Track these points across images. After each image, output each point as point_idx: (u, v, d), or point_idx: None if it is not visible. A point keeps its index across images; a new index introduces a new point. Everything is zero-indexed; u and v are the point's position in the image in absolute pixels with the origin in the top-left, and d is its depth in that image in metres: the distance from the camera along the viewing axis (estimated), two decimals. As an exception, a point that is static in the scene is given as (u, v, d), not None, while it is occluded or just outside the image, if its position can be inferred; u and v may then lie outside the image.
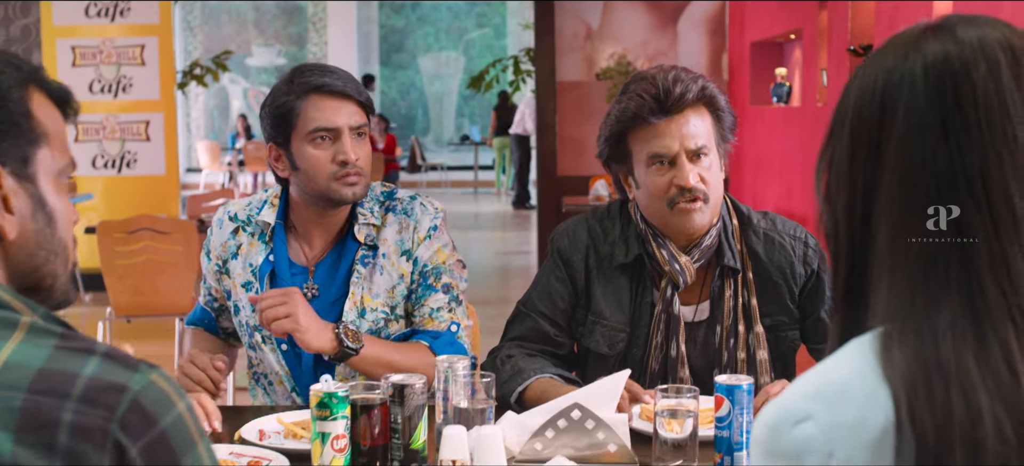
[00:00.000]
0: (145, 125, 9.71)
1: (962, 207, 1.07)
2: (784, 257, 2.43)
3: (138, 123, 9.76)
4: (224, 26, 21.86)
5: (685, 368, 2.38)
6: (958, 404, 1.03)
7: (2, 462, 1.00)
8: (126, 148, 9.65)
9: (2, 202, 1.16)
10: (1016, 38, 1.12)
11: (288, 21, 22.09)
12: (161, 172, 9.58)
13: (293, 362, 2.48)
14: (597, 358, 2.42)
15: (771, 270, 2.42)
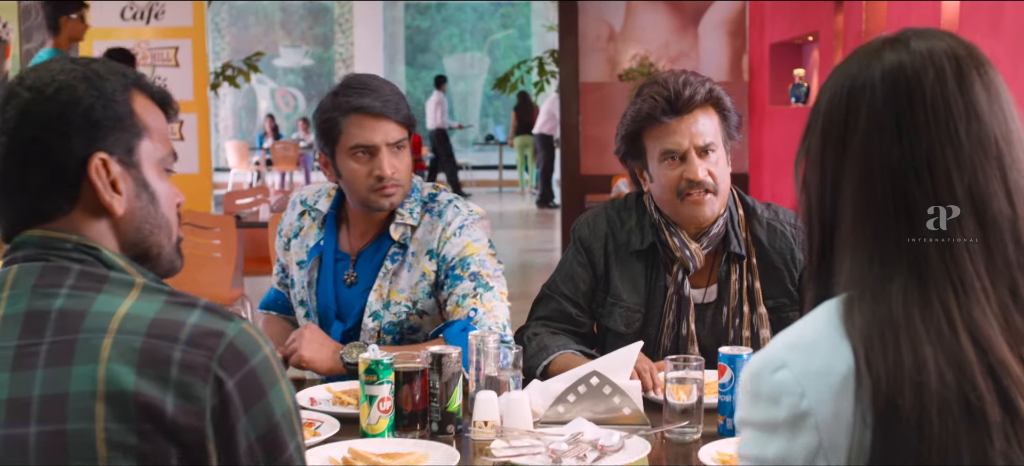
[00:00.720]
0: (179, 125, 9.90)
1: (912, 192, 1.29)
2: (785, 244, 2.64)
3: (173, 123, 10.00)
4: (251, 27, 21.99)
5: (694, 345, 2.60)
6: (907, 355, 1.24)
7: (127, 391, 1.24)
8: (162, 147, 9.86)
9: (111, 185, 1.40)
10: (960, 48, 1.34)
11: (314, 22, 22.19)
12: (194, 170, 9.75)
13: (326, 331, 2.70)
14: (615, 336, 2.64)
15: (773, 256, 2.64)
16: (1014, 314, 1.26)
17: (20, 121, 1.37)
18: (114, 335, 1.27)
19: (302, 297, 2.73)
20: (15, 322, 1.30)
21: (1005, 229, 1.28)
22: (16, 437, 1.24)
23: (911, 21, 5.79)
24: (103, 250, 1.38)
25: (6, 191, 1.39)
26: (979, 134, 1.29)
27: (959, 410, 1.21)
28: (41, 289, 1.32)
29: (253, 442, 1.28)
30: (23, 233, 1.38)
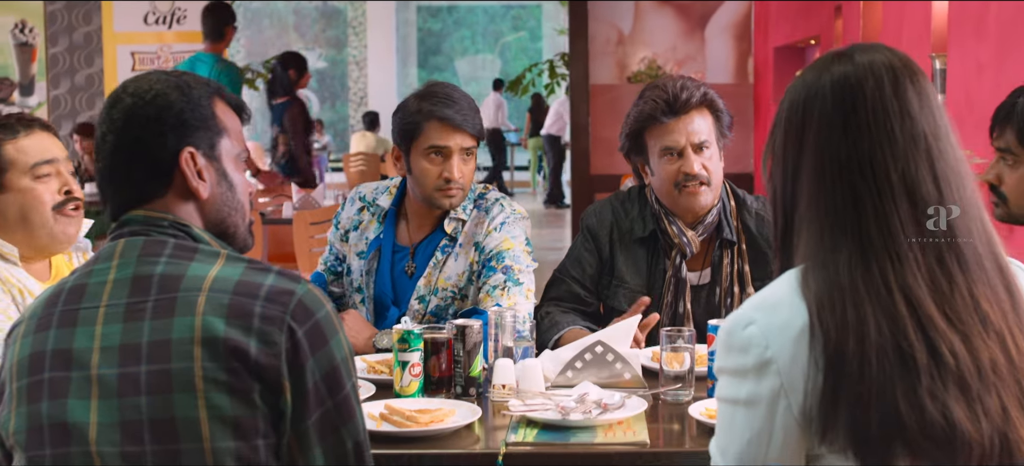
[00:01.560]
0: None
1: (856, 180, 1.57)
2: (771, 232, 2.93)
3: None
4: (265, 30, 21.99)
5: (690, 323, 2.89)
6: (851, 313, 1.52)
7: (219, 337, 1.54)
8: (184, 148, 10.07)
9: (198, 174, 1.70)
10: (897, 60, 1.63)
11: (327, 24, 22.28)
12: (216, 170, 9.99)
13: (378, 317, 3.00)
14: (619, 315, 2.93)
15: (761, 242, 2.93)
16: (940, 278, 1.54)
17: (125, 122, 1.67)
18: (206, 293, 1.57)
19: (359, 284, 3.02)
20: (124, 284, 1.60)
21: (928, 207, 1.56)
22: (130, 374, 1.54)
23: (904, 25, 6.07)
24: (192, 228, 1.68)
25: (113, 179, 1.69)
26: (911, 131, 1.57)
27: (894, 356, 1.50)
28: (145, 257, 1.62)
29: (318, 380, 1.58)
30: (128, 213, 1.69)
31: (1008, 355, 1.54)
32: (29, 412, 1.59)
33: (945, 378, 1.49)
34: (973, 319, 1.53)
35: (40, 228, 2.42)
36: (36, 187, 2.40)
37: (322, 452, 1.60)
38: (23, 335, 1.65)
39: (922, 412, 1.48)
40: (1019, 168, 2.41)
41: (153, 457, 1.52)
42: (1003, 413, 1.51)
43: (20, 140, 2.41)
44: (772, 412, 1.53)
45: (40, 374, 1.59)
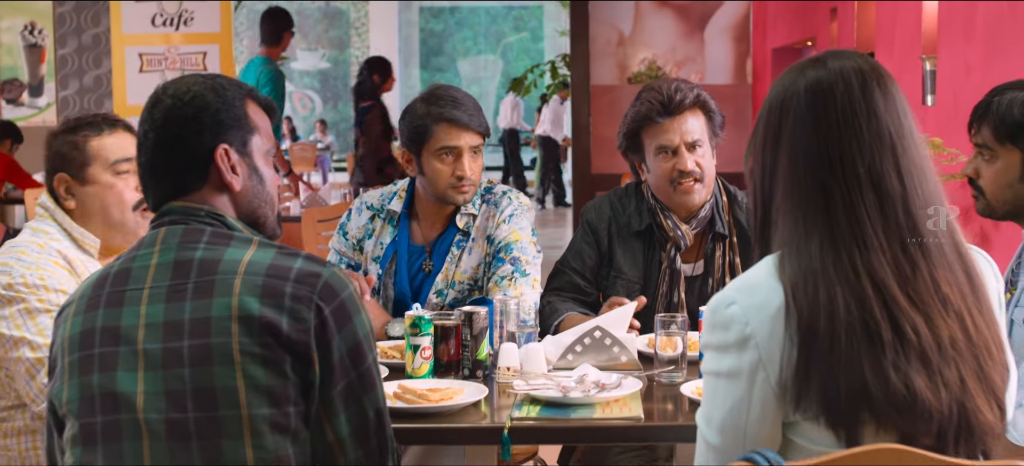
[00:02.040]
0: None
1: (826, 175, 1.74)
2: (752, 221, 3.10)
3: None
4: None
5: (684, 312, 3.06)
6: (822, 294, 1.69)
7: (254, 315, 1.70)
8: (191, 148, 10.16)
9: (231, 169, 1.87)
10: (865, 65, 1.79)
11: (329, 25, 22.34)
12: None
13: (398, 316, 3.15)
14: (616, 303, 3.10)
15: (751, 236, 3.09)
16: (904, 263, 1.71)
17: (165, 121, 1.84)
18: (242, 276, 1.74)
19: (377, 287, 3.18)
20: (166, 268, 1.77)
21: (897, 201, 1.73)
22: (174, 348, 1.71)
23: (896, 27, 6.23)
24: (227, 217, 1.85)
25: (154, 173, 1.86)
26: (877, 129, 1.74)
27: (861, 333, 1.66)
28: (185, 244, 1.79)
29: (343, 354, 1.75)
30: (167, 204, 1.86)
31: (967, 333, 1.70)
32: (81, 384, 1.76)
33: (908, 352, 1.66)
34: (934, 300, 1.69)
35: (118, 224, 2.58)
36: (116, 183, 2.56)
37: (347, 419, 1.77)
38: (73, 314, 1.82)
39: (886, 382, 1.64)
40: (995, 163, 2.57)
41: (195, 423, 1.69)
42: (961, 384, 1.68)
43: (104, 137, 2.57)
44: (751, 383, 1.70)
45: (90, 349, 1.76)
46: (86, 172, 2.56)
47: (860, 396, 1.65)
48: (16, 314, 2.42)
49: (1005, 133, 2.54)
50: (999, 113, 2.55)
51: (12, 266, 2.47)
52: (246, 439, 1.69)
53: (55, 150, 2.57)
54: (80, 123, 2.58)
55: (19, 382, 2.43)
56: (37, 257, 2.50)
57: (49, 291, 2.45)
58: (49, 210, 2.60)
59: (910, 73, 5.96)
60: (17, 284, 2.44)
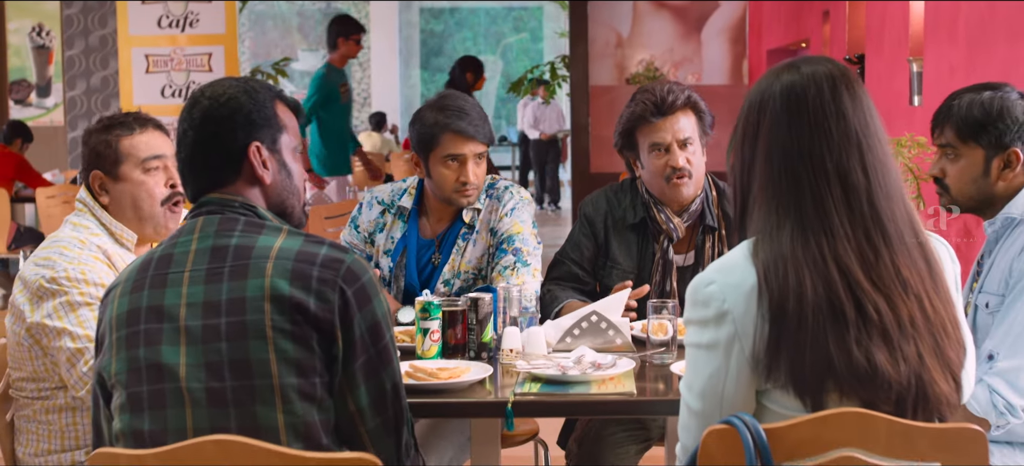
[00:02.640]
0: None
1: (798, 169, 1.93)
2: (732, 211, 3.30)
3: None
4: (269, 31, 22.22)
5: (676, 300, 3.25)
6: (791, 276, 1.88)
7: (285, 295, 1.90)
8: (196, 146, 10.28)
9: (262, 164, 2.06)
10: (836, 70, 1.98)
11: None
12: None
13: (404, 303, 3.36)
14: (612, 292, 3.30)
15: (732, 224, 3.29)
16: (867, 250, 1.90)
17: (202, 120, 2.04)
18: (273, 260, 1.93)
19: (388, 279, 3.38)
20: (205, 253, 1.97)
21: (861, 193, 1.92)
22: (212, 325, 1.91)
23: (885, 30, 6.42)
24: (258, 208, 2.05)
25: (193, 167, 2.06)
26: (845, 129, 1.93)
27: (827, 312, 1.86)
28: (221, 231, 1.99)
29: (364, 331, 1.95)
30: (205, 195, 2.05)
31: (925, 313, 1.90)
32: (128, 357, 1.96)
33: (870, 330, 1.86)
34: (895, 283, 1.89)
35: (148, 217, 2.78)
36: (146, 179, 2.76)
37: (366, 390, 1.97)
38: (119, 295, 2.02)
39: (849, 356, 1.84)
40: (959, 161, 2.76)
41: (232, 391, 1.89)
42: (919, 359, 1.87)
43: (135, 136, 2.76)
44: (728, 354, 1.90)
45: (137, 326, 1.96)
46: (119, 169, 2.75)
47: (825, 368, 1.84)
48: (59, 307, 2.61)
49: (968, 133, 2.73)
50: (960, 115, 2.74)
51: (55, 261, 2.66)
52: (277, 405, 1.89)
53: (90, 148, 2.76)
54: (113, 122, 2.77)
55: (61, 368, 2.62)
56: (78, 252, 2.69)
57: (89, 285, 2.64)
58: (88, 206, 2.80)
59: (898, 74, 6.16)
60: (60, 278, 2.63)
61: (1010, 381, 2.52)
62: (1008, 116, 2.71)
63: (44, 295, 2.63)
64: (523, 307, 2.88)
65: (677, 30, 10.81)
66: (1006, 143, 2.71)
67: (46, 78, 11.94)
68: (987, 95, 2.75)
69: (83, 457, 2.69)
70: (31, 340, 2.65)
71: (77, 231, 2.76)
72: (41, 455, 2.70)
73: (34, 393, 2.70)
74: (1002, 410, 2.51)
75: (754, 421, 1.80)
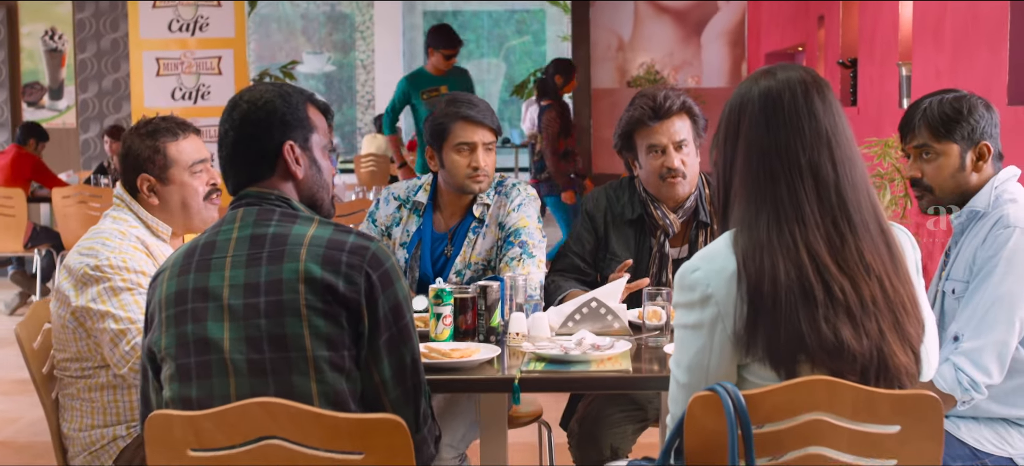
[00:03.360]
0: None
1: (774, 164, 2.15)
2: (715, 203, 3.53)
3: (215, 127, 10.37)
4: (273, 34, 22.41)
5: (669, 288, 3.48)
6: (767, 261, 2.11)
7: (317, 278, 2.13)
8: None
9: (295, 161, 2.30)
10: (808, 76, 2.21)
11: (334, 28, 22.65)
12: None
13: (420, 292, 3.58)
14: (611, 282, 3.53)
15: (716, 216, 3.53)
16: (834, 236, 2.13)
17: (242, 122, 2.27)
18: (307, 247, 2.17)
19: (404, 269, 3.60)
20: (245, 241, 2.20)
21: (830, 185, 2.15)
22: (252, 304, 2.14)
23: (876, 36, 6.65)
24: (292, 201, 2.28)
25: (233, 164, 2.29)
26: (816, 128, 2.16)
27: (798, 293, 2.08)
28: (259, 221, 2.22)
29: (387, 311, 2.18)
30: (244, 189, 2.29)
31: (885, 293, 2.13)
32: (177, 332, 2.19)
33: (836, 309, 2.08)
34: (858, 266, 2.11)
35: (195, 212, 3.03)
36: (193, 181, 3.01)
37: (389, 363, 2.20)
38: (167, 279, 2.25)
39: (819, 332, 2.06)
40: (936, 159, 2.99)
41: (271, 362, 2.12)
42: (880, 334, 2.10)
43: (180, 142, 3.01)
44: (712, 333, 2.13)
45: (184, 305, 2.20)
46: (168, 173, 3.00)
47: (797, 343, 2.07)
48: (102, 292, 2.85)
49: (942, 131, 2.96)
50: (932, 116, 2.98)
51: (98, 250, 2.90)
52: (311, 375, 2.12)
53: (136, 153, 3.00)
54: (157, 128, 3.01)
55: (104, 349, 2.86)
56: (119, 242, 2.93)
57: (130, 272, 2.88)
58: (125, 201, 3.04)
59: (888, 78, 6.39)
60: (103, 265, 2.87)
61: (973, 360, 2.75)
62: (976, 112, 2.95)
63: (88, 281, 2.86)
64: (528, 295, 3.12)
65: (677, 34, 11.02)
66: (977, 137, 2.95)
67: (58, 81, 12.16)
68: (952, 96, 2.98)
69: (124, 431, 2.93)
70: (75, 323, 2.89)
71: (117, 223, 3.00)
72: (85, 430, 2.94)
73: (77, 372, 2.94)
74: (966, 386, 2.75)
75: (735, 388, 2.03)
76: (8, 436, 5.61)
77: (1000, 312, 2.78)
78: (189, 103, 10.26)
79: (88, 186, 9.45)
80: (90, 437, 2.94)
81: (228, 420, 2.00)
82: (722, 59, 11.11)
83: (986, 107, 2.99)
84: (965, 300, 2.85)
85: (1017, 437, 2.86)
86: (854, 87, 7.31)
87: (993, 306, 2.79)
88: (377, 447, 2.00)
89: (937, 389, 2.74)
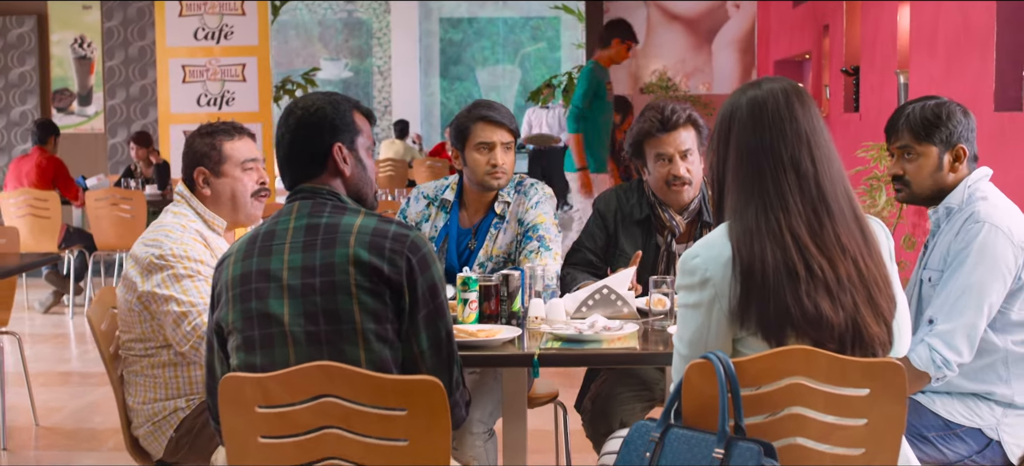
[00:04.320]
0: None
1: (761, 162, 2.47)
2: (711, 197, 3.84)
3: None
4: (291, 41, 22.56)
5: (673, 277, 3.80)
6: (756, 245, 2.43)
7: (365, 261, 2.46)
8: (231, 154, 10.55)
9: (344, 160, 2.63)
10: (790, 87, 2.53)
11: (350, 35, 22.81)
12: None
13: None
14: (621, 274, 3.86)
15: None
16: (814, 222, 2.44)
17: (297, 126, 2.61)
18: (355, 234, 2.50)
19: None
20: (301, 229, 2.54)
21: (810, 179, 2.46)
22: (309, 283, 2.48)
23: (876, 45, 6.95)
24: (340, 195, 2.62)
25: (290, 163, 2.63)
26: (796, 129, 2.48)
27: (784, 272, 2.40)
28: (313, 213, 2.55)
29: (425, 290, 2.51)
30: (299, 185, 2.62)
31: (859, 270, 2.44)
32: (243, 309, 2.52)
33: (816, 284, 2.40)
34: (835, 247, 2.42)
35: (243, 208, 3.38)
36: (243, 177, 3.36)
37: (427, 336, 2.53)
38: (232, 263, 2.58)
39: (802, 307, 2.38)
40: (916, 159, 3.31)
41: (325, 334, 2.45)
42: (855, 307, 2.41)
43: (235, 142, 3.37)
44: (710, 311, 2.45)
45: (249, 285, 2.53)
46: (222, 167, 3.34)
47: (784, 316, 2.39)
48: (166, 278, 3.19)
49: (923, 134, 3.28)
50: (914, 120, 3.29)
51: (162, 241, 3.24)
52: (360, 345, 2.45)
53: (195, 149, 3.35)
54: (216, 129, 3.36)
55: (167, 329, 3.20)
56: (181, 234, 3.27)
57: (190, 260, 3.22)
58: (185, 197, 3.38)
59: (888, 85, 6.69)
60: (167, 255, 3.21)
61: (946, 341, 3.07)
62: (953, 118, 3.27)
63: (153, 269, 3.20)
64: (545, 284, 3.44)
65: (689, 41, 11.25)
66: (954, 141, 3.26)
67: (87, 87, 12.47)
68: (933, 103, 3.30)
69: (183, 403, 3.27)
70: (141, 306, 3.23)
71: (177, 218, 3.34)
72: (148, 403, 3.28)
73: (141, 352, 3.28)
74: (939, 364, 3.07)
75: (726, 356, 2.34)
76: (54, 423, 5.97)
77: (970, 299, 3.10)
78: (214, 109, 10.63)
79: (119, 188, 9.70)
80: (152, 409, 3.28)
81: (291, 381, 2.34)
82: (732, 66, 11.34)
83: (964, 113, 3.30)
84: (939, 288, 3.16)
85: (985, 410, 3.18)
86: (857, 93, 7.61)
87: (964, 294, 3.10)
88: (418, 405, 2.33)
89: (913, 367, 3.06)
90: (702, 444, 2.31)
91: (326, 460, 2.37)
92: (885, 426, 2.36)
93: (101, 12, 12.02)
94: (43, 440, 5.68)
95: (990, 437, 3.18)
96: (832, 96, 8.19)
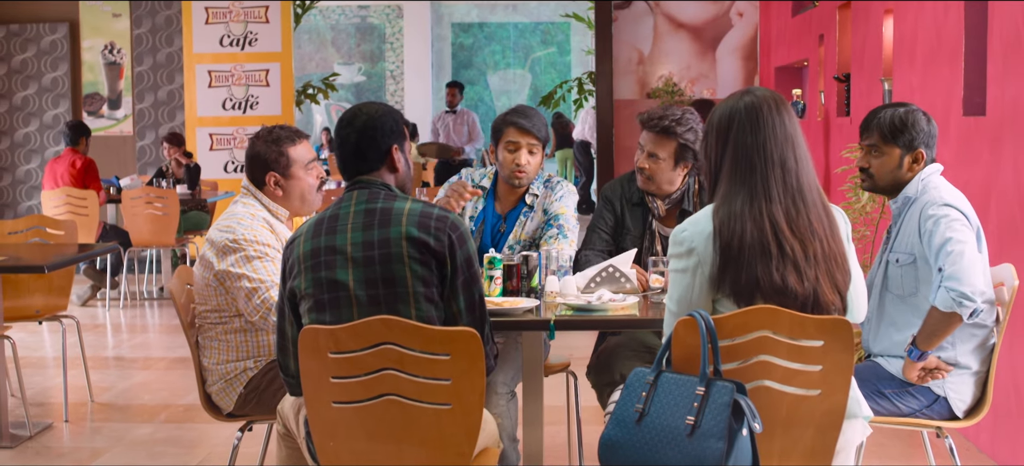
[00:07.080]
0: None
1: (752, 158, 2.97)
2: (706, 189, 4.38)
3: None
4: (304, 45, 22.71)
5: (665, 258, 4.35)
6: (737, 227, 2.95)
7: (415, 237, 3.01)
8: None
9: (398, 159, 3.18)
10: (774, 96, 3.01)
11: (363, 39, 22.99)
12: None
13: None
14: (625, 255, 4.40)
15: None
16: (791, 209, 2.93)
17: (362, 129, 3.15)
18: (407, 215, 3.05)
19: None
20: (360, 213, 3.09)
21: (793, 173, 2.96)
22: (369, 255, 3.03)
23: (864, 54, 7.47)
24: (391, 186, 3.17)
25: (356, 158, 3.16)
26: (783, 131, 2.97)
27: (759, 250, 2.91)
28: (370, 200, 3.11)
29: (462, 261, 3.06)
30: (358, 177, 3.17)
31: (824, 250, 2.94)
32: (313, 278, 3.07)
33: (786, 263, 2.91)
34: (808, 231, 2.93)
35: (309, 200, 3.95)
36: (307, 176, 3.94)
37: (463, 298, 3.08)
38: (303, 242, 3.13)
39: (771, 278, 2.90)
40: (881, 157, 3.84)
41: (383, 296, 3.00)
42: (816, 280, 2.93)
43: (297, 146, 3.93)
44: (694, 276, 2.98)
45: (318, 258, 3.08)
46: (290, 170, 3.91)
47: (754, 285, 2.91)
48: (239, 259, 3.76)
49: (889, 137, 3.81)
50: (883, 123, 3.83)
51: (234, 228, 3.81)
52: (411, 304, 3.01)
53: (263, 156, 3.91)
54: (279, 136, 3.92)
55: (239, 302, 3.76)
56: (250, 221, 3.84)
57: (259, 244, 3.79)
58: (252, 191, 3.95)
59: (874, 91, 7.21)
60: (240, 239, 3.78)
61: (957, 279, 3.51)
62: (917, 125, 3.80)
63: (227, 251, 3.77)
64: (560, 264, 4.00)
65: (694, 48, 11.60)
66: (916, 145, 3.80)
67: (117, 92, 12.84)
68: (902, 110, 3.84)
69: (252, 364, 3.83)
70: (217, 283, 3.79)
71: (246, 207, 3.90)
72: (221, 363, 3.85)
73: (216, 320, 3.84)
74: (959, 300, 3.49)
75: (707, 314, 2.86)
76: (107, 400, 6.53)
77: (956, 240, 3.55)
78: (238, 113, 11.09)
79: (152, 187, 10.04)
80: (225, 368, 3.84)
81: (358, 331, 2.90)
82: (736, 72, 11.61)
83: (927, 121, 3.83)
84: (934, 247, 3.60)
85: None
86: (848, 99, 8.10)
87: (949, 240, 3.56)
88: (459, 350, 2.89)
89: (941, 311, 3.50)
90: (688, 385, 2.81)
91: (384, 395, 2.94)
92: (837, 371, 2.87)
93: (131, 20, 12.37)
94: (99, 414, 6.24)
95: (938, 393, 3.71)
96: (826, 101, 8.69)
